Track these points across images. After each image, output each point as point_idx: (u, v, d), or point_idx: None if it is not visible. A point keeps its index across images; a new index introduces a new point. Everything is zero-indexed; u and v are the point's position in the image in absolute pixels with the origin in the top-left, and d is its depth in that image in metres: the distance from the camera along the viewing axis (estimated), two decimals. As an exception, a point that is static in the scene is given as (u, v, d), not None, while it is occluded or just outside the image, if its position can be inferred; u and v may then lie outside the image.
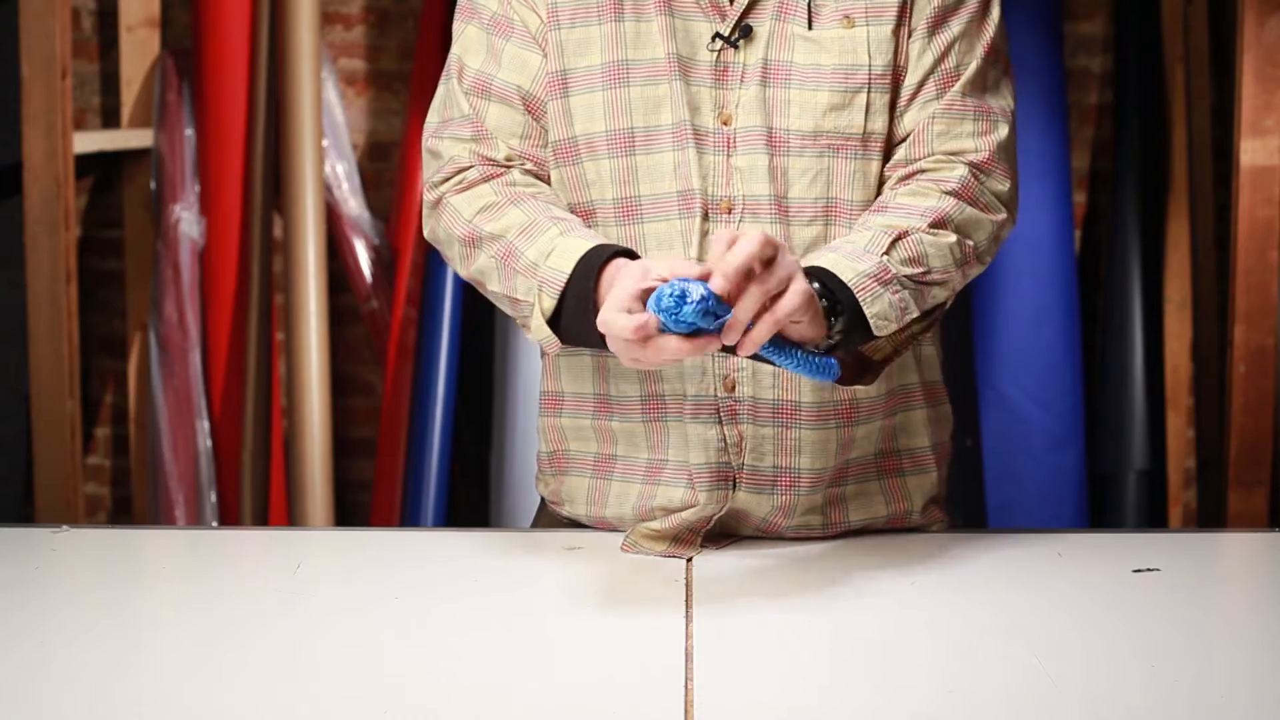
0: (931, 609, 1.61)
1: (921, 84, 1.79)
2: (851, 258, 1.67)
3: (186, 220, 3.76)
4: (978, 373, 3.61)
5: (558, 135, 1.81)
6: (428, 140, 1.85)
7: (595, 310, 1.61)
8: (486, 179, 1.80)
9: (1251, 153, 3.22)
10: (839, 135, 1.76)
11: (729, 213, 1.76)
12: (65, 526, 1.92)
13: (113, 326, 4.04)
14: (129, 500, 4.07)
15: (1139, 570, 1.72)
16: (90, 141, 3.63)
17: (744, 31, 1.76)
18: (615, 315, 1.54)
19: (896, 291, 1.69)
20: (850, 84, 1.76)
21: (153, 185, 3.83)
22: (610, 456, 1.86)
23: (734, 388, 1.78)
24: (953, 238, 1.75)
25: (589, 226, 1.79)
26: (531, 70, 1.81)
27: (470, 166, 1.81)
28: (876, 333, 1.67)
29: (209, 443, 3.75)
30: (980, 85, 1.80)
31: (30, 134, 3.23)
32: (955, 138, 1.79)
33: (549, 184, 1.84)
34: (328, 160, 3.77)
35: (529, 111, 1.81)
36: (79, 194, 3.90)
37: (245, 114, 3.69)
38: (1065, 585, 1.69)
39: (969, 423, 3.55)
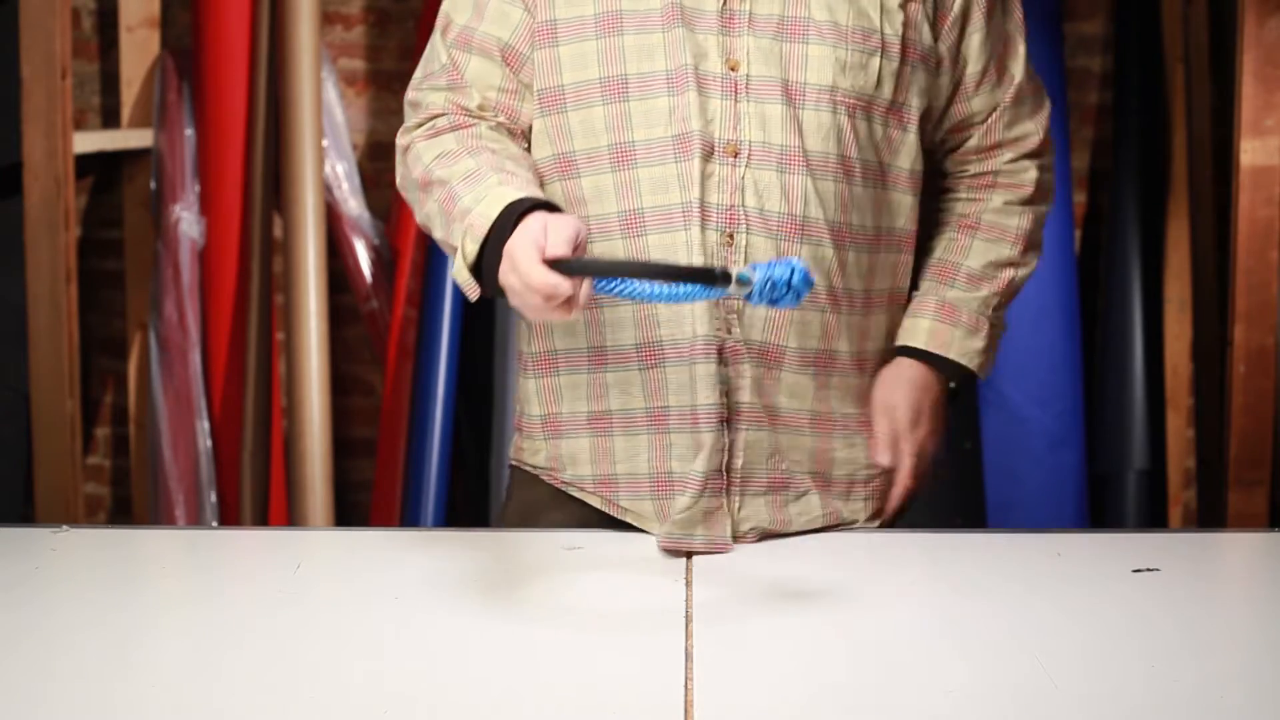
0: (931, 609, 1.61)
1: (985, 70, 1.91)
2: (970, 331, 1.95)
3: (186, 220, 3.76)
4: (978, 373, 3.61)
5: (544, 84, 1.85)
6: (409, 93, 1.92)
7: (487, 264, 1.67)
8: (454, 128, 1.86)
9: (1251, 153, 3.22)
10: (852, 93, 1.82)
11: (735, 156, 1.80)
12: (65, 526, 1.92)
13: (113, 326, 4.04)
14: (129, 500, 4.07)
15: (1139, 570, 1.72)
16: (90, 141, 3.63)
17: None
18: (538, 270, 1.56)
19: (996, 341, 2.00)
20: (867, 46, 1.82)
21: (153, 185, 3.83)
22: (605, 412, 1.88)
23: (731, 329, 1.82)
24: (1034, 263, 2.01)
25: (571, 179, 1.84)
26: (513, 23, 1.85)
27: (443, 114, 1.87)
28: (982, 379, 2.00)
29: (209, 443, 3.75)
30: (1028, 64, 1.96)
31: (30, 134, 3.23)
32: (1019, 122, 1.96)
33: (523, 139, 1.88)
34: (328, 160, 3.77)
35: (507, 64, 1.86)
36: (79, 194, 3.90)
37: (245, 114, 3.69)
38: (1065, 585, 1.69)
39: (969, 423, 3.55)
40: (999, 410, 3.64)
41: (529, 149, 1.89)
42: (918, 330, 1.95)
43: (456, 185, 1.77)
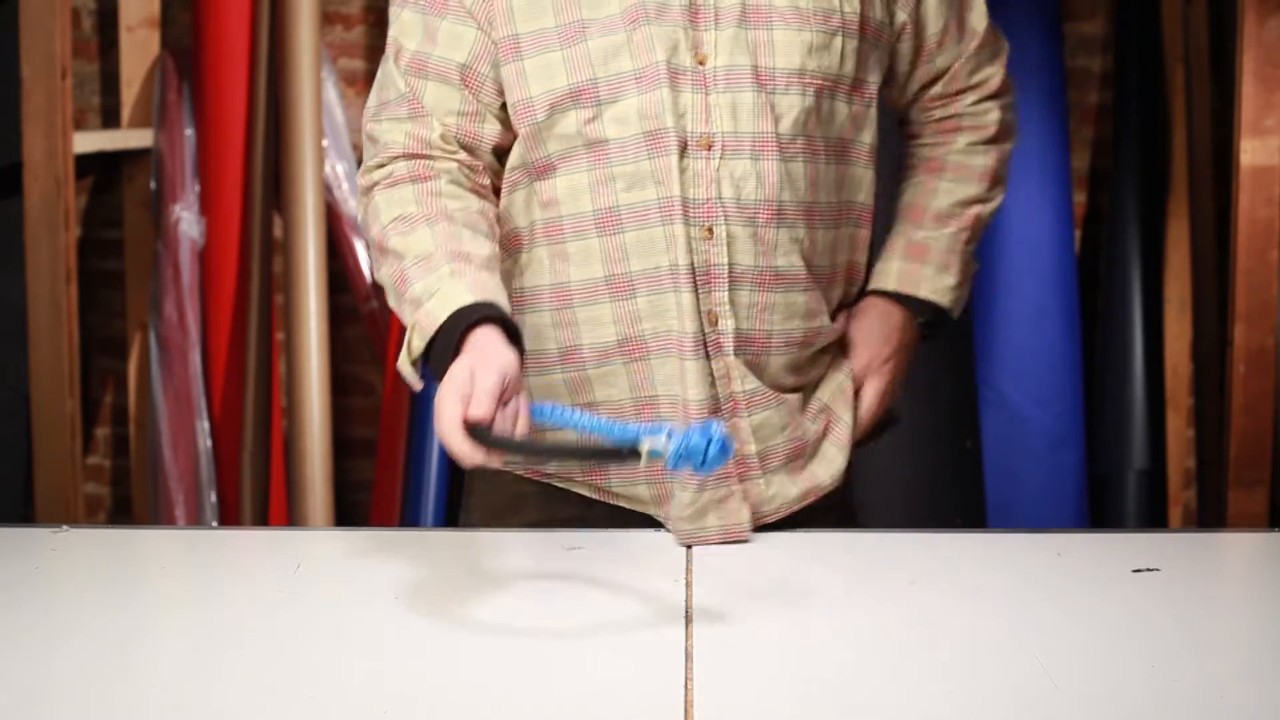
0: (931, 609, 1.61)
1: (944, 30, 1.95)
2: (940, 268, 2.00)
3: (186, 220, 3.76)
4: (978, 373, 3.61)
5: (516, 97, 1.84)
6: (366, 124, 1.90)
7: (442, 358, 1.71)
8: (414, 179, 1.84)
9: (1251, 153, 3.22)
10: (819, 74, 1.84)
11: (709, 149, 1.81)
12: (65, 526, 1.92)
13: (113, 326, 4.04)
14: (129, 500, 4.07)
15: (1139, 570, 1.72)
16: (90, 141, 3.63)
17: None
18: (457, 436, 1.61)
19: (969, 277, 2.04)
20: (829, 26, 1.84)
21: (153, 185, 3.83)
22: (590, 404, 1.88)
23: (716, 321, 1.83)
24: (1001, 197, 2.06)
25: (546, 179, 1.83)
26: (467, 43, 1.84)
27: (401, 157, 1.85)
28: (954, 318, 2.04)
29: (209, 443, 3.75)
30: (986, 11, 1.99)
31: (30, 134, 3.23)
32: (980, 69, 2.00)
33: (485, 172, 1.88)
34: (328, 160, 3.77)
35: (466, 85, 1.85)
36: (79, 194, 3.90)
37: (245, 114, 3.69)
38: (1065, 585, 1.69)
39: (969, 423, 3.55)
40: (999, 410, 3.64)
41: (489, 182, 1.89)
42: (888, 273, 2.01)
43: (409, 268, 1.77)
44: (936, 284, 2.00)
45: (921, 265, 2.00)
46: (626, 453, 1.50)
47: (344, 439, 3.96)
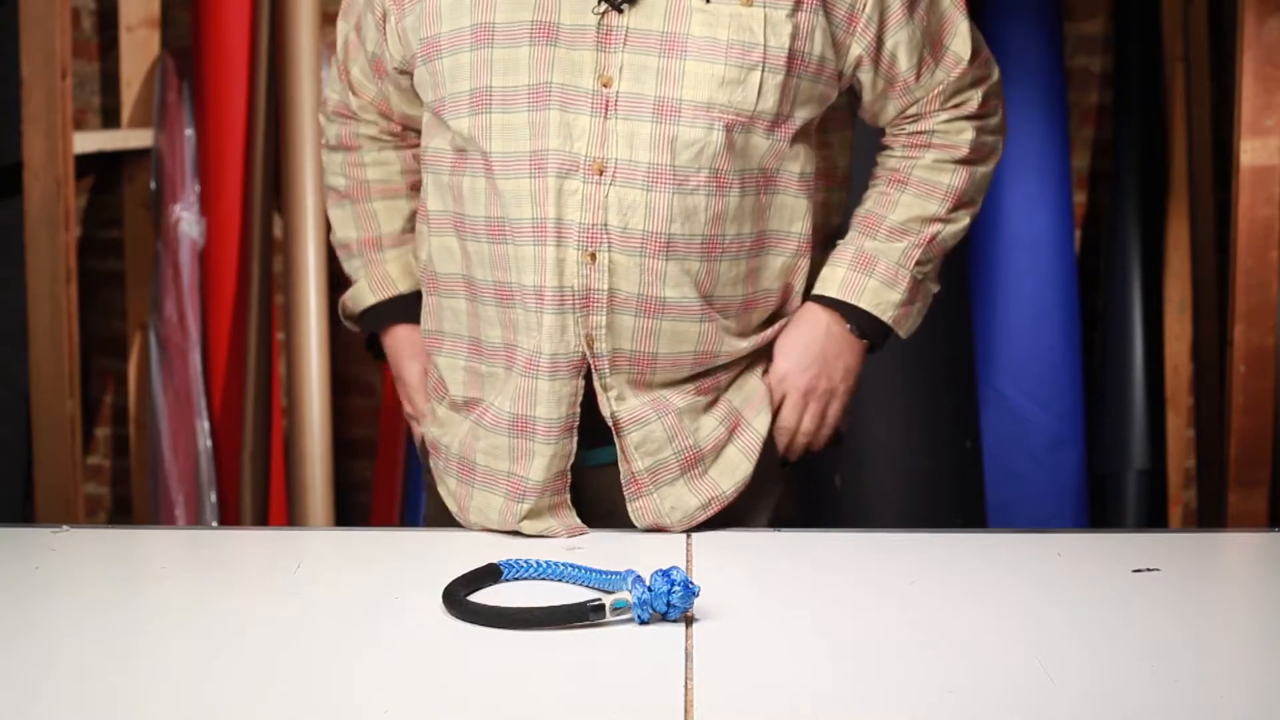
0: (931, 609, 1.61)
1: (920, 63, 1.89)
2: (887, 282, 1.92)
3: (186, 220, 3.76)
4: (978, 373, 3.61)
5: (431, 96, 1.88)
6: (336, 57, 2.07)
7: (376, 341, 2.15)
8: (344, 147, 2.06)
9: (1251, 153, 3.22)
10: (729, 109, 1.79)
11: (600, 174, 1.78)
12: (65, 526, 1.92)
13: (113, 326, 4.04)
14: (129, 500, 4.07)
15: (1139, 570, 1.72)
16: (90, 141, 3.63)
17: None
18: (420, 397, 2.08)
19: (921, 297, 1.97)
20: (746, 61, 1.78)
21: (153, 185, 3.84)
22: (479, 401, 1.92)
23: (593, 344, 1.83)
24: (966, 220, 1.97)
25: (455, 175, 1.87)
26: (373, 37, 1.96)
27: (335, 117, 2.07)
28: (903, 337, 1.98)
29: (209, 443, 3.75)
30: (974, 38, 1.93)
31: (30, 134, 3.23)
32: (959, 93, 1.93)
33: (405, 136, 2.05)
34: (328, 160, 3.77)
35: (376, 72, 1.99)
36: (79, 194, 3.90)
37: (245, 114, 3.69)
38: (1065, 585, 1.69)
39: (969, 423, 3.55)
40: (999, 410, 3.64)
41: (411, 149, 2.05)
42: (831, 279, 1.93)
43: (338, 247, 2.10)
44: (880, 297, 1.92)
45: (868, 276, 1.92)
46: (590, 611, 1.52)
47: (344, 439, 3.96)
